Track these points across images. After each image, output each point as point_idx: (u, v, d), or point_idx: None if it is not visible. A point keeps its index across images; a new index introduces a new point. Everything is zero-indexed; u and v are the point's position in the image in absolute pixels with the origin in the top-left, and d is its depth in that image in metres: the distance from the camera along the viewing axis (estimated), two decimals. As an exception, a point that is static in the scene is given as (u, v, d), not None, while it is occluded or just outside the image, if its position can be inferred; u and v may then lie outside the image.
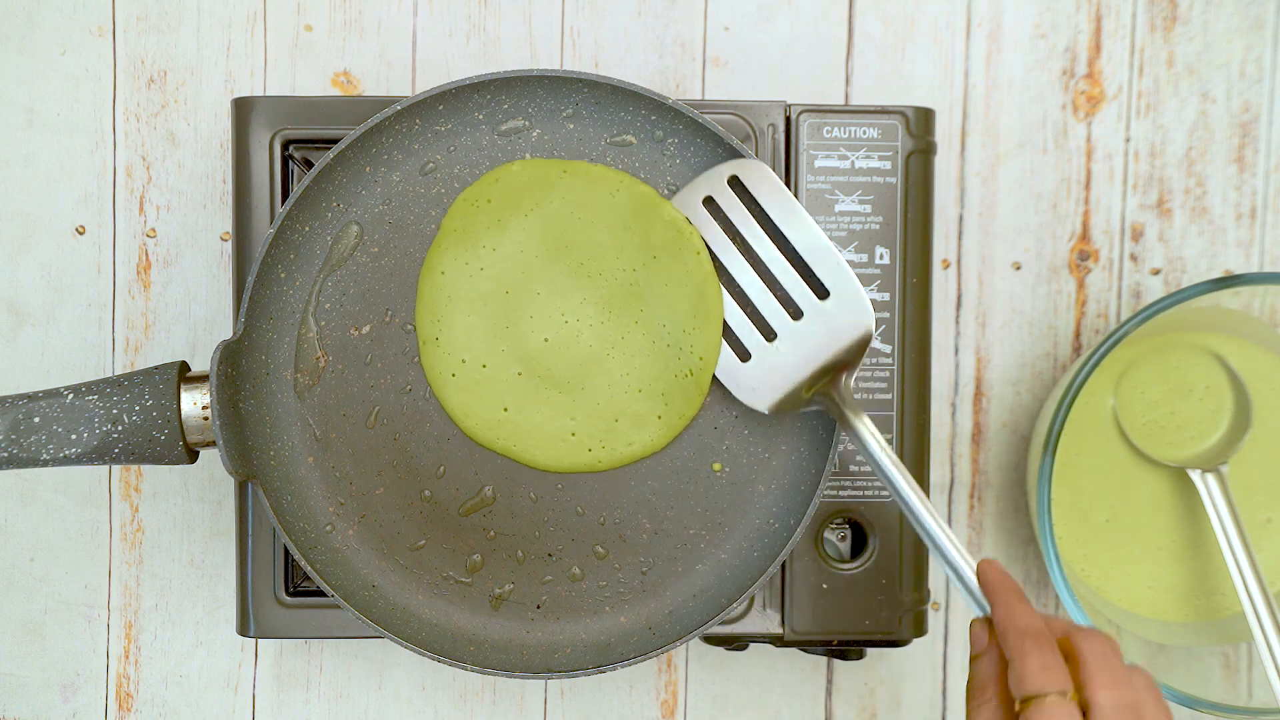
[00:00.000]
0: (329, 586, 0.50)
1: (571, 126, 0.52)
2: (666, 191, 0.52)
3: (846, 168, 0.55)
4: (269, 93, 0.61)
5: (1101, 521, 0.59)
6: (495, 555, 0.53)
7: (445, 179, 0.52)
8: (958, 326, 0.62)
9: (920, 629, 0.55)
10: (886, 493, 0.55)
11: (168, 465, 0.51)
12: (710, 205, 0.52)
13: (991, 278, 0.62)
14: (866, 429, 0.48)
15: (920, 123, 0.55)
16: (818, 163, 0.54)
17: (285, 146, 0.53)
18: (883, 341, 0.55)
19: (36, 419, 0.48)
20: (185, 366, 0.50)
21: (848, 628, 0.55)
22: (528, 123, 0.52)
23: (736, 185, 0.51)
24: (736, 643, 0.56)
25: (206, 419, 0.48)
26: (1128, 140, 0.62)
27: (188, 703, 0.61)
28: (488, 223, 0.52)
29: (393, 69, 0.61)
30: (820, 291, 0.51)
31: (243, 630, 0.54)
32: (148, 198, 0.61)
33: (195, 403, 0.48)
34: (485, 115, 0.52)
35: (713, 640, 0.56)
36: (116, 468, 0.61)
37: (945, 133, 0.61)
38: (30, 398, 0.49)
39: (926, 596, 0.55)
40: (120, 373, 0.57)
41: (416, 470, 0.53)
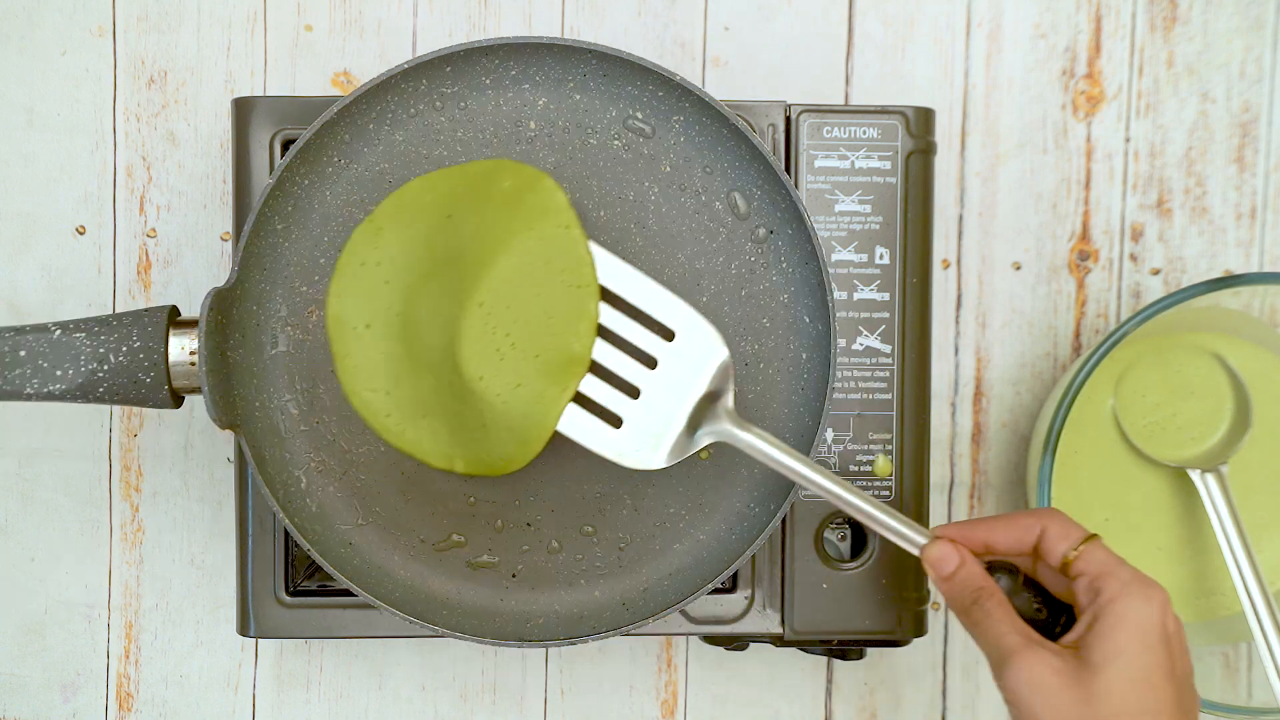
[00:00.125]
0: (306, 541, 0.50)
1: (578, 97, 0.52)
2: (669, 168, 0.52)
3: (846, 168, 0.55)
4: (269, 93, 0.61)
5: (1101, 521, 0.59)
6: (475, 522, 0.53)
7: (449, 141, 0.52)
8: (958, 326, 0.62)
9: (920, 629, 0.55)
10: (886, 492, 0.55)
11: (153, 408, 0.50)
12: None
13: (991, 278, 0.62)
14: (761, 439, 0.48)
15: (920, 123, 0.55)
16: (818, 163, 0.54)
17: (285, 146, 0.53)
18: (883, 341, 0.55)
19: (22, 352, 0.48)
20: (175, 311, 0.49)
21: (848, 628, 0.55)
22: (534, 90, 0.52)
23: None
24: (736, 643, 0.56)
25: (194, 364, 0.48)
26: (1128, 140, 0.62)
27: (188, 703, 0.61)
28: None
29: (393, 69, 0.61)
30: (665, 334, 0.49)
31: (243, 630, 0.54)
32: (148, 198, 0.61)
33: (183, 348, 0.48)
34: (492, 80, 0.52)
35: (713, 640, 0.56)
36: (117, 466, 0.61)
37: (945, 133, 0.61)
38: (17, 330, 0.48)
39: (926, 596, 0.55)
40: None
41: None
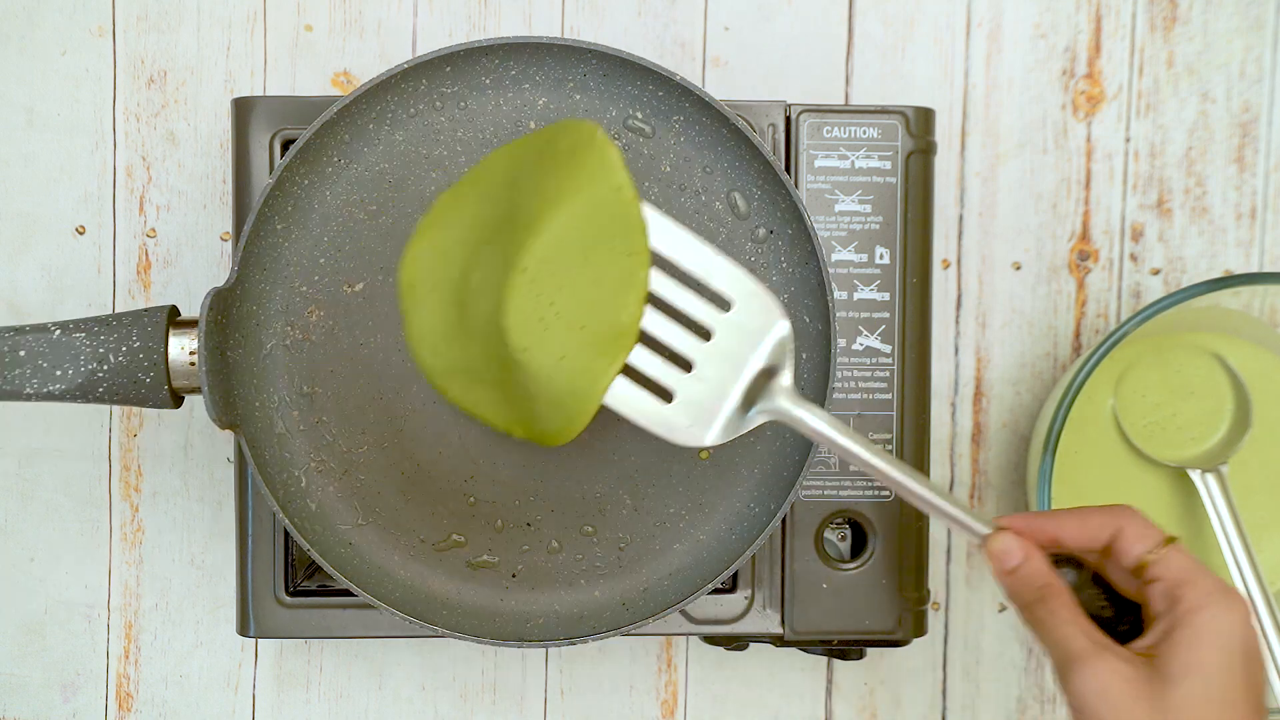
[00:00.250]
0: (306, 541, 0.50)
1: (578, 97, 0.52)
2: (668, 168, 0.52)
3: (846, 168, 0.55)
4: (269, 93, 0.61)
5: (1101, 521, 0.59)
6: (474, 522, 0.53)
7: (449, 141, 0.52)
8: (958, 326, 0.62)
9: (920, 629, 0.55)
10: (887, 492, 0.55)
11: (153, 408, 0.50)
12: None
13: (991, 278, 0.62)
14: (822, 421, 0.45)
15: (920, 123, 0.55)
16: (818, 163, 0.54)
17: (285, 146, 0.53)
18: (883, 341, 0.55)
19: (21, 352, 0.48)
20: (175, 310, 0.49)
21: (848, 628, 0.55)
22: (534, 90, 0.52)
23: None
24: (736, 643, 0.56)
25: (193, 364, 0.48)
26: (1128, 140, 0.62)
27: (188, 703, 0.61)
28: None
29: (393, 69, 0.61)
30: (722, 304, 0.46)
31: (243, 630, 0.54)
32: (148, 198, 0.61)
33: (183, 348, 0.48)
34: (492, 80, 0.52)
35: (713, 640, 0.56)
36: (117, 466, 0.61)
37: (945, 133, 0.61)
38: (16, 330, 0.48)
39: (926, 596, 0.55)
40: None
41: (400, 431, 0.52)
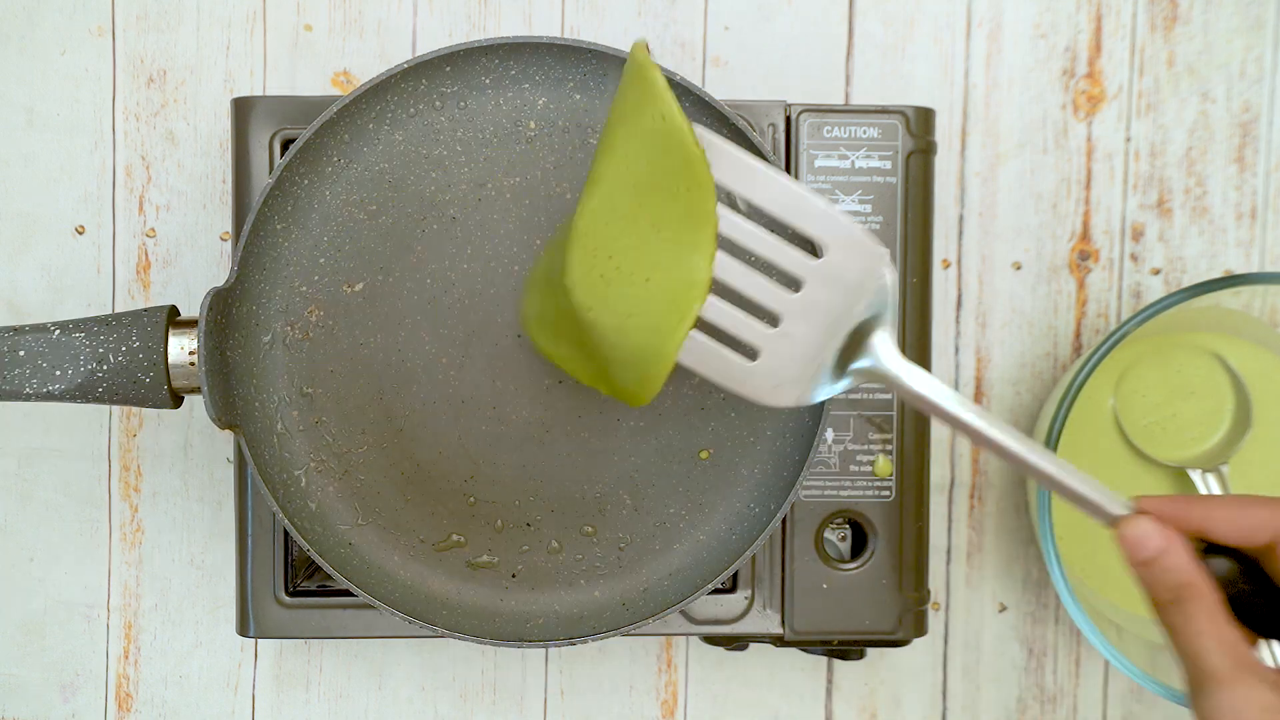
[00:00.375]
0: (305, 541, 0.50)
1: (578, 97, 0.52)
2: None
3: (846, 167, 0.54)
4: (269, 93, 0.61)
5: (1101, 521, 0.59)
6: (474, 522, 0.53)
7: (448, 141, 0.52)
8: (958, 326, 0.62)
9: (920, 629, 0.55)
10: (887, 492, 0.55)
11: (153, 408, 0.51)
12: None
13: (991, 278, 0.62)
14: (932, 388, 0.40)
15: (920, 123, 0.55)
16: (818, 162, 0.54)
17: (285, 146, 0.53)
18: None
19: (21, 352, 0.48)
20: (175, 310, 0.49)
21: (848, 628, 0.55)
22: (534, 90, 0.52)
23: None
24: (736, 643, 0.56)
25: (193, 364, 0.48)
26: (1128, 140, 0.62)
27: (188, 703, 0.61)
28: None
29: (393, 69, 0.61)
30: (812, 249, 0.42)
31: (243, 630, 0.54)
32: (147, 198, 0.61)
33: (183, 347, 0.48)
34: (492, 80, 0.52)
35: (713, 640, 0.56)
36: (116, 466, 0.61)
37: (945, 133, 0.61)
38: (16, 330, 0.48)
39: (926, 596, 0.55)
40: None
41: (400, 432, 0.52)
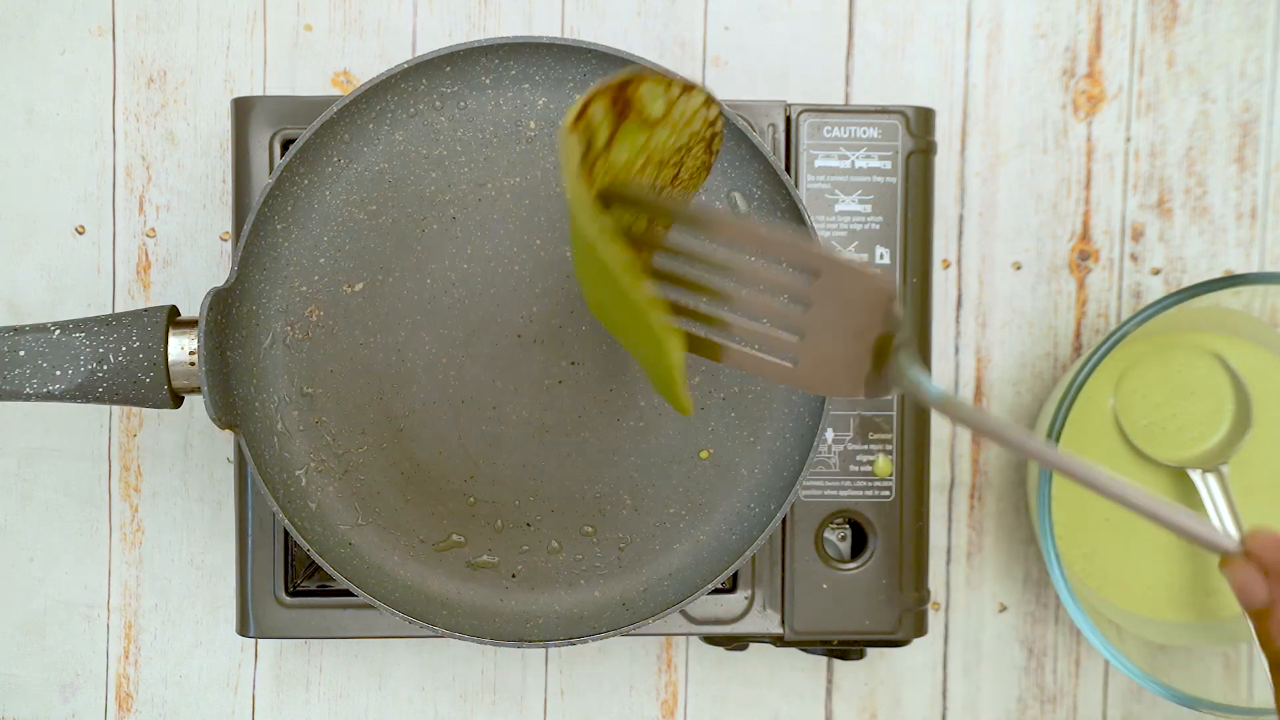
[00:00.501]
0: (305, 541, 0.50)
1: (578, 97, 0.52)
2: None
3: (846, 168, 0.54)
4: (269, 92, 0.61)
5: (1101, 521, 0.59)
6: (474, 522, 0.53)
7: (448, 141, 0.52)
8: (958, 326, 0.62)
9: (920, 629, 0.55)
10: (887, 492, 0.55)
11: (153, 408, 0.51)
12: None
13: (991, 278, 0.62)
14: (979, 411, 0.40)
15: (920, 123, 0.55)
16: (818, 163, 0.54)
17: (285, 146, 0.53)
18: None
19: (21, 352, 0.48)
20: (175, 310, 0.49)
21: (848, 628, 0.55)
22: (534, 90, 0.52)
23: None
24: (736, 643, 0.56)
25: (193, 364, 0.48)
26: (1128, 140, 0.62)
27: (188, 703, 0.61)
28: None
29: (393, 69, 0.61)
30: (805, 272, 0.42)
31: (243, 630, 0.54)
32: (147, 198, 0.61)
33: (183, 348, 0.48)
34: (492, 80, 0.52)
35: (713, 640, 0.56)
36: (116, 466, 0.61)
37: (945, 133, 0.61)
38: (16, 330, 0.48)
39: (926, 596, 0.55)
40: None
41: (400, 432, 0.52)
